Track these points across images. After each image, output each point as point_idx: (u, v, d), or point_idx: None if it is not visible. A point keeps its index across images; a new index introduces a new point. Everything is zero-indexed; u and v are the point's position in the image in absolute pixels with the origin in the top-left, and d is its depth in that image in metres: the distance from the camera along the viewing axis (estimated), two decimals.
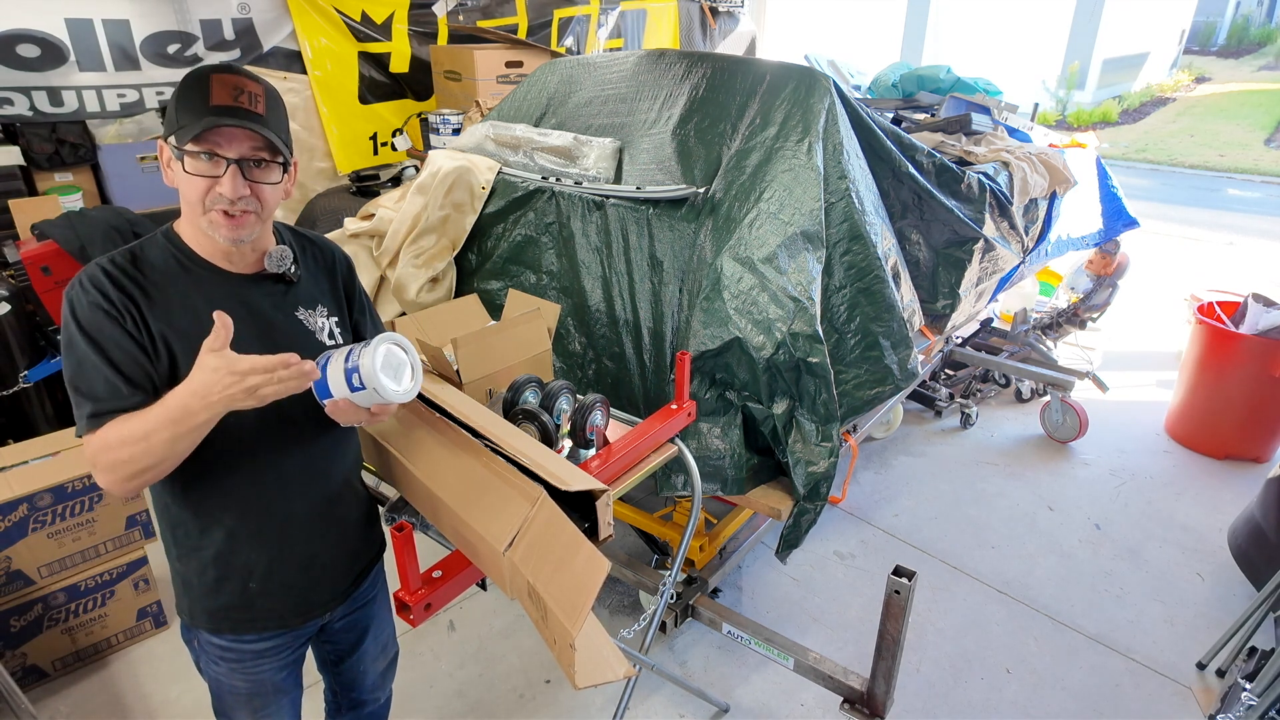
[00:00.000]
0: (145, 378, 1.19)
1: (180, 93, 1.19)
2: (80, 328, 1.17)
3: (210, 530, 1.32)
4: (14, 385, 2.95)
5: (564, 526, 1.29)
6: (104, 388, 1.16)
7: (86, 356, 1.16)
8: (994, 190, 2.95)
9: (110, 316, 1.17)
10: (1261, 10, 21.68)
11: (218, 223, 1.21)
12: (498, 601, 2.79)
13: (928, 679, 2.51)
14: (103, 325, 1.17)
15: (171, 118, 1.19)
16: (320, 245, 1.46)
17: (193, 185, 1.19)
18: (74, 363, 1.18)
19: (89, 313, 1.17)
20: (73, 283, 1.20)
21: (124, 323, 1.18)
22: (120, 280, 1.20)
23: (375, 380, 1.16)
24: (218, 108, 1.17)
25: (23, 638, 2.38)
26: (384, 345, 1.20)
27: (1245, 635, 2.42)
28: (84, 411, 1.16)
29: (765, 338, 2.07)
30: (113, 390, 1.16)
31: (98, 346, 1.16)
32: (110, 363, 1.16)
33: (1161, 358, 4.88)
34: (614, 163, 2.57)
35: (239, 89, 1.19)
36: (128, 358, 1.18)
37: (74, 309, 1.18)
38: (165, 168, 1.25)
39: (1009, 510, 3.38)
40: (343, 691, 1.71)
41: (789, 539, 2.22)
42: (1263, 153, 11.47)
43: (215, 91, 1.18)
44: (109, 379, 1.16)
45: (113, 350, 1.17)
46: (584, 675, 1.21)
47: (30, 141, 3.52)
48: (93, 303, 1.17)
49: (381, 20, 4.52)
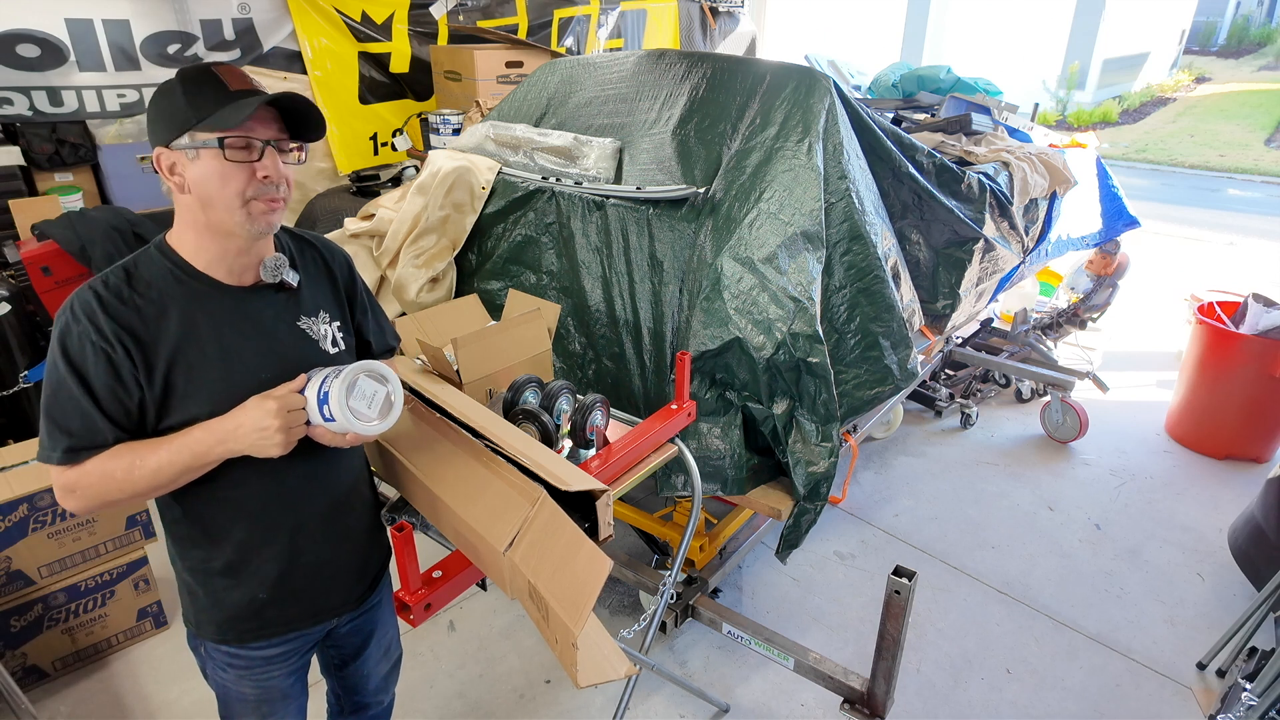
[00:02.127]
0: (124, 415, 1.17)
1: (187, 89, 1.15)
2: (67, 358, 1.14)
3: (220, 543, 1.31)
4: (14, 385, 2.95)
5: (564, 526, 1.29)
6: (81, 423, 1.15)
7: (67, 388, 1.14)
8: (994, 190, 2.95)
9: (99, 350, 1.14)
10: (1262, 10, 21.69)
11: (257, 213, 1.19)
12: (498, 602, 2.79)
13: (928, 679, 2.51)
14: (90, 359, 1.14)
15: (183, 115, 1.14)
16: (319, 246, 1.42)
17: (233, 177, 1.15)
18: (52, 391, 1.16)
19: (78, 345, 1.14)
20: (65, 307, 1.16)
21: (114, 354, 1.15)
22: (114, 306, 1.16)
23: (343, 413, 1.15)
24: (242, 92, 1.15)
25: (23, 638, 2.38)
26: (358, 376, 1.18)
27: (1245, 635, 2.42)
28: (59, 444, 1.15)
29: (765, 338, 2.07)
30: (90, 427, 1.15)
31: (82, 381, 1.14)
32: (93, 399, 1.15)
33: (1162, 358, 4.88)
34: (614, 163, 2.57)
35: (245, 76, 1.19)
36: (111, 395, 1.15)
37: (64, 339, 1.15)
38: (169, 175, 1.18)
39: (1009, 510, 3.38)
40: (346, 695, 1.71)
41: (789, 539, 2.22)
42: (1263, 153, 11.48)
43: (230, 80, 1.16)
44: (88, 415, 1.15)
45: (98, 386, 1.15)
46: (586, 674, 1.21)
47: (30, 141, 3.51)
48: (83, 334, 1.14)
49: (382, 20, 4.51)
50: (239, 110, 1.14)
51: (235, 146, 1.14)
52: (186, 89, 1.15)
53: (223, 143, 1.14)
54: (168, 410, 1.20)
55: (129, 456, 1.16)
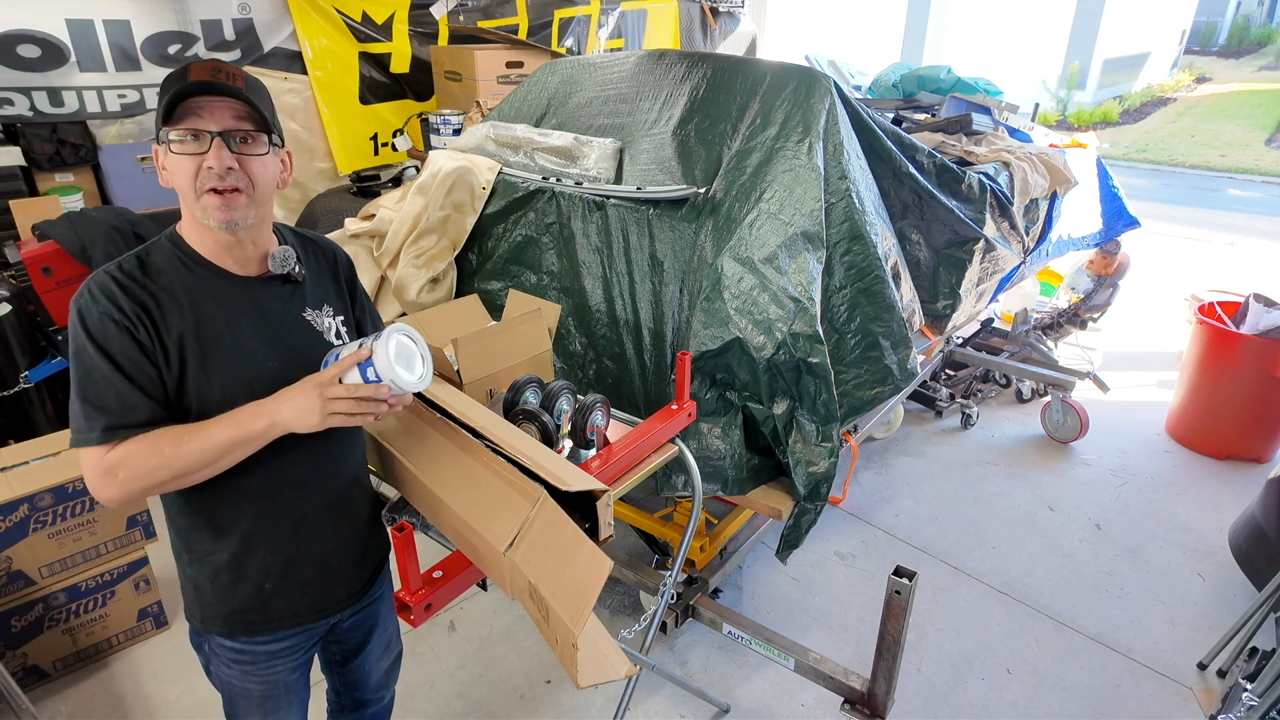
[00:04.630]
0: (159, 390, 1.18)
1: (162, 89, 1.19)
2: (91, 338, 1.15)
3: (226, 535, 1.31)
4: (15, 385, 2.95)
5: (565, 526, 1.29)
6: (116, 401, 1.15)
7: (97, 367, 1.14)
8: (994, 190, 2.95)
9: (122, 327, 1.15)
10: (1262, 10, 21.68)
11: (210, 206, 1.19)
12: (498, 602, 2.79)
13: (928, 679, 2.51)
14: (114, 336, 1.15)
15: (160, 111, 1.18)
16: (321, 245, 1.46)
17: (182, 169, 1.17)
18: (83, 374, 1.15)
19: (100, 323, 1.15)
20: (81, 291, 1.18)
21: (136, 333, 1.16)
22: (131, 288, 1.18)
23: (391, 373, 1.17)
24: (195, 84, 1.16)
25: (23, 638, 2.38)
26: (395, 337, 1.21)
27: (1246, 636, 2.42)
28: (96, 424, 1.14)
29: (766, 338, 2.07)
30: (127, 404, 1.15)
31: (109, 358, 1.15)
32: (124, 375, 1.15)
33: (1162, 358, 4.88)
34: (614, 163, 2.57)
35: (216, 68, 1.19)
36: (140, 371, 1.16)
37: (84, 319, 1.15)
38: (161, 170, 1.24)
39: (1009, 510, 3.38)
40: (346, 692, 1.71)
41: (789, 539, 2.22)
42: (1263, 153, 11.48)
43: (192, 72, 1.18)
44: (122, 392, 1.15)
45: (125, 363, 1.15)
46: (586, 675, 1.21)
47: (31, 142, 3.52)
48: (104, 313, 1.15)
49: (382, 21, 4.51)
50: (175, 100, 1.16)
51: (179, 140, 1.17)
52: (164, 85, 1.20)
53: (168, 135, 1.17)
54: (183, 391, 1.21)
55: (176, 432, 1.16)
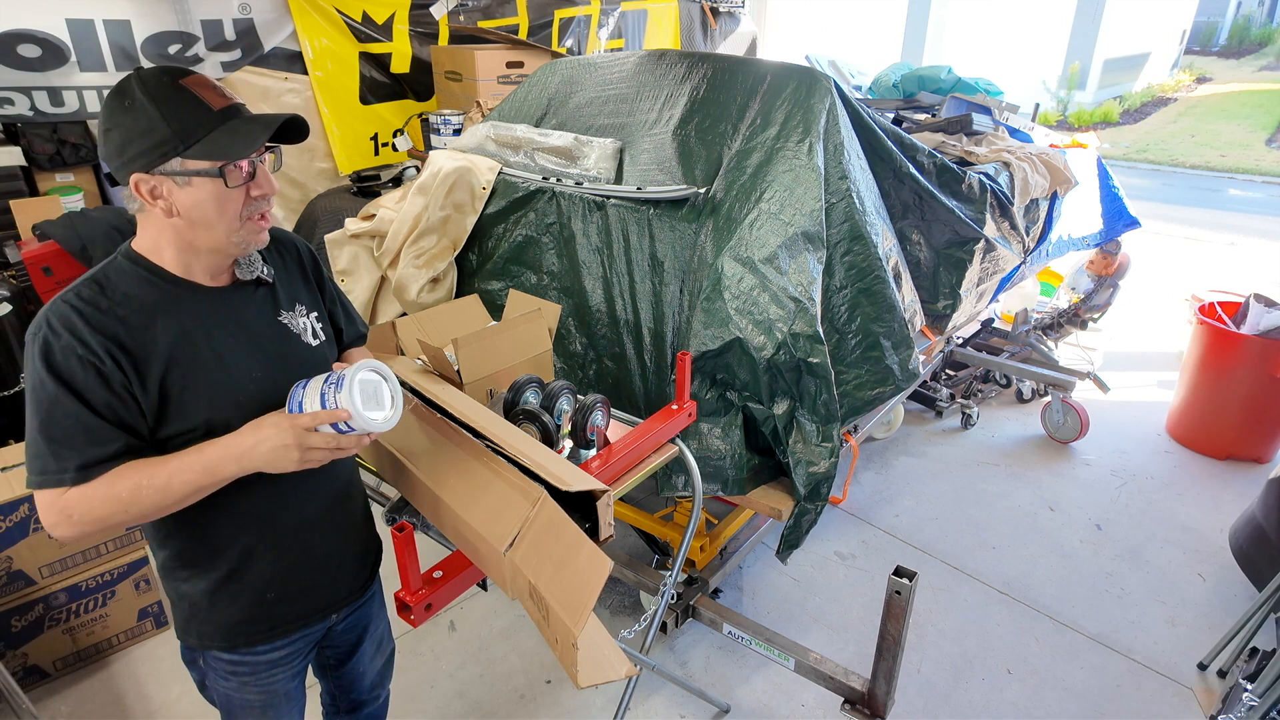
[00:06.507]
0: (135, 419, 1.13)
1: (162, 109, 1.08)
2: (55, 374, 1.07)
3: (224, 551, 1.28)
4: (15, 385, 2.95)
5: (565, 527, 1.29)
6: (86, 437, 1.09)
7: (58, 404, 1.08)
8: (995, 190, 2.95)
9: (87, 362, 1.08)
10: (1263, 10, 21.67)
11: (253, 231, 1.18)
12: (498, 602, 2.79)
13: (928, 679, 2.51)
14: (78, 372, 1.08)
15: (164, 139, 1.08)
16: (283, 239, 1.40)
17: (231, 200, 1.13)
18: (44, 410, 1.09)
19: (63, 359, 1.08)
20: (39, 323, 1.09)
21: (102, 366, 1.09)
22: (94, 318, 1.10)
23: (364, 423, 1.13)
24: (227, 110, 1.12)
25: (24, 638, 2.38)
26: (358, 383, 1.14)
27: (1246, 636, 2.42)
28: (69, 463, 1.08)
29: (766, 338, 2.07)
30: (98, 439, 1.09)
31: (75, 394, 1.08)
32: (93, 410, 1.09)
33: (1162, 358, 4.88)
34: (615, 163, 2.57)
35: (217, 87, 1.15)
36: (107, 406, 1.10)
37: (46, 355, 1.08)
38: (151, 199, 1.12)
39: (1010, 511, 3.38)
40: (342, 694, 1.70)
41: (790, 539, 2.22)
42: (1264, 153, 11.47)
43: (209, 97, 1.11)
44: (91, 427, 1.09)
45: (92, 399, 1.09)
46: (587, 675, 1.21)
47: (31, 142, 3.52)
48: (66, 348, 1.08)
49: (382, 21, 4.51)
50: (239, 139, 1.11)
51: (235, 172, 1.12)
52: (162, 109, 1.08)
53: (223, 171, 1.11)
54: (165, 418, 1.16)
55: (134, 476, 1.10)
